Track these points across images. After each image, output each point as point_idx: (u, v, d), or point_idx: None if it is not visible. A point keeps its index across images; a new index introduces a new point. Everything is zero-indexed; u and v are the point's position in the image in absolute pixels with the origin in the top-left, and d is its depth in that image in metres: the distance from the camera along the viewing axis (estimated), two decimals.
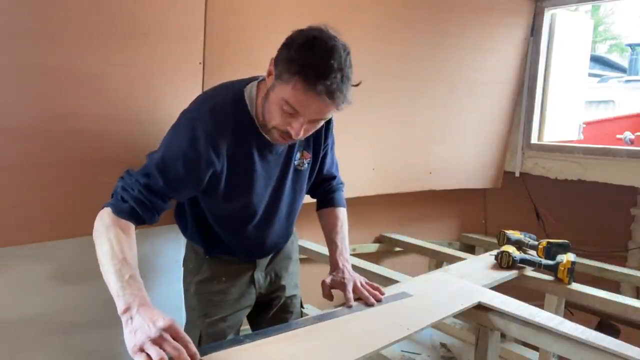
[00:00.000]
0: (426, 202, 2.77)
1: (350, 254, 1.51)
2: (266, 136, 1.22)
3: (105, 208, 1.10)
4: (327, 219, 1.51)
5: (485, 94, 2.68)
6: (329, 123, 1.38)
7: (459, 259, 2.09)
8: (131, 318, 0.93)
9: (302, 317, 1.53)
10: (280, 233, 1.43)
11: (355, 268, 1.49)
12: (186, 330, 1.45)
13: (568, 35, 2.84)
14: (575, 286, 1.71)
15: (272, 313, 1.50)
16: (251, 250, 1.41)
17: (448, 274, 1.68)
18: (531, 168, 2.83)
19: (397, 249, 2.78)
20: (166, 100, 1.57)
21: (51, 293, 1.64)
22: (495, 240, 2.04)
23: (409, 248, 2.68)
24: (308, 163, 1.38)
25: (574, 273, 1.70)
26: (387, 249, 2.78)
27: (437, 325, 2.48)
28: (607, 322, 2.47)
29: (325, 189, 1.53)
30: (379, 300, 1.34)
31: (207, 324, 1.38)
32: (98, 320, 1.72)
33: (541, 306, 1.67)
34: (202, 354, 1.04)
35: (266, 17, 1.81)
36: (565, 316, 1.68)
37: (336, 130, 1.45)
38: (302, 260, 2.03)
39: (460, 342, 2.54)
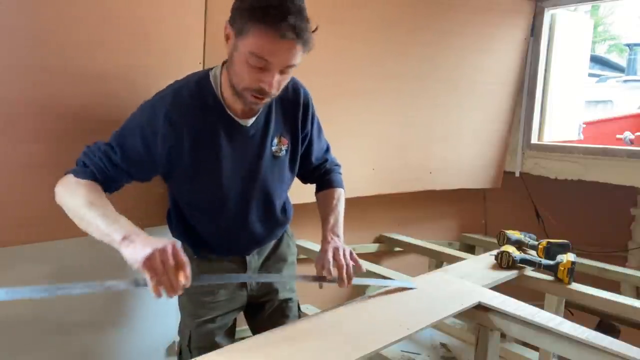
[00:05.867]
0: (426, 202, 2.77)
1: None
2: (234, 117, 1.21)
3: (67, 175, 1.12)
4: (322, 200, 1.46)
5: (485, 93, 2.68)
6: (307, 109, 1.33)
7: (459, 259, 2.09)
8: (132, 242, 0.95)
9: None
10: (259, 225, 1.36)
11: None
12: (180, 328, 1.45)
13: (568, 35, 2.84)
14: (575, 286, 1.71)
15: (266, 316, 1.48)
16: (230, 241, 1.37)
17: (448, 274, 1.68)
18: (531, 168, 2.83)
19: (397, 249, 2.77)
20: None
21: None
22: (495, 240, 2.04)
23: (409, 248, 2.68)
24: (286, 150, 1.32)
25: (574, 273, 1.70)
26: (387, 249, 2.78)
27: (437, 325, 2.48)
28: (607, 322, 2.48)
29: (320, 173, 1.49)
30: (350, 278, 1.23)
31: (196, 324, 1.37)
32: (97, 321, 1.72)
33: (541, 306, 1.67)
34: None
35: None
36: (565, 316, 1.68)
37: (336, 131, 1.44)
38: (302, 260, 2.03)
39: (460, 342, 2.54)
